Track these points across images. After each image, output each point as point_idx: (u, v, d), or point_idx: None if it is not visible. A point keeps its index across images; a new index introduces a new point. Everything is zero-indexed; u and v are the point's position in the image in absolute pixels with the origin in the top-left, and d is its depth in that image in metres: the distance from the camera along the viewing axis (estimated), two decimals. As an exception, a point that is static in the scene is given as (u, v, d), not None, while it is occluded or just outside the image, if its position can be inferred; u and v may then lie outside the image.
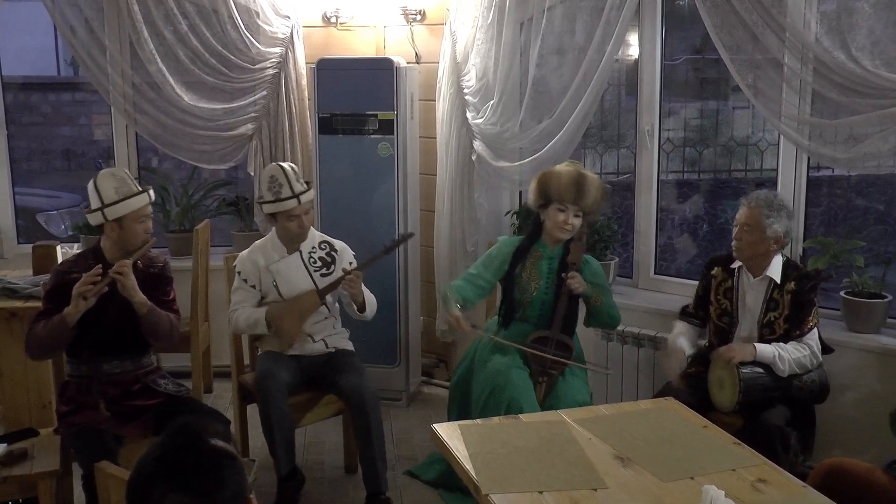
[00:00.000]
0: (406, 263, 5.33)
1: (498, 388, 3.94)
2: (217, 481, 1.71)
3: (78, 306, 3.45)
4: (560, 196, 4.10)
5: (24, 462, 3.51)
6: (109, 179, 3.66)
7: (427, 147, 5.56)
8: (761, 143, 5.73)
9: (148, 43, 5.45)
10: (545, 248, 4.23)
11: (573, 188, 4.08)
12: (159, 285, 3.80)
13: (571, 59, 4.86)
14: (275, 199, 4.17)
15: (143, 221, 3.70)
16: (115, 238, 3.69)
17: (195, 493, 1.68)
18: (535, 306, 4.21)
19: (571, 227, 4.13)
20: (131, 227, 3.67)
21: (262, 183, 4.25)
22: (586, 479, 2.80)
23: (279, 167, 4.21)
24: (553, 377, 4.04)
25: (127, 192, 3.65)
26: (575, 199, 4.09)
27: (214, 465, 1.72)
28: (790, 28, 4.04)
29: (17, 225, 6.07)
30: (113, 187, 3.64)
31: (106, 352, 3.70)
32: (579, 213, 4.12)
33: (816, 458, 3.79)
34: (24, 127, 8.29)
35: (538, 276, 4.20)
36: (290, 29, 5.56)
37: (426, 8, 5.51)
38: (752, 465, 2.90)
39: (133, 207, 3.65)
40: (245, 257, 4.33)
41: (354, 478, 4.45)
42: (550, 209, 4.15)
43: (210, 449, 1.74)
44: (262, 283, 4.27)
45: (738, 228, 3.90)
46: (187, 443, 1.74)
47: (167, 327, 3.70)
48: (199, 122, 5.63)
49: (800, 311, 3.82)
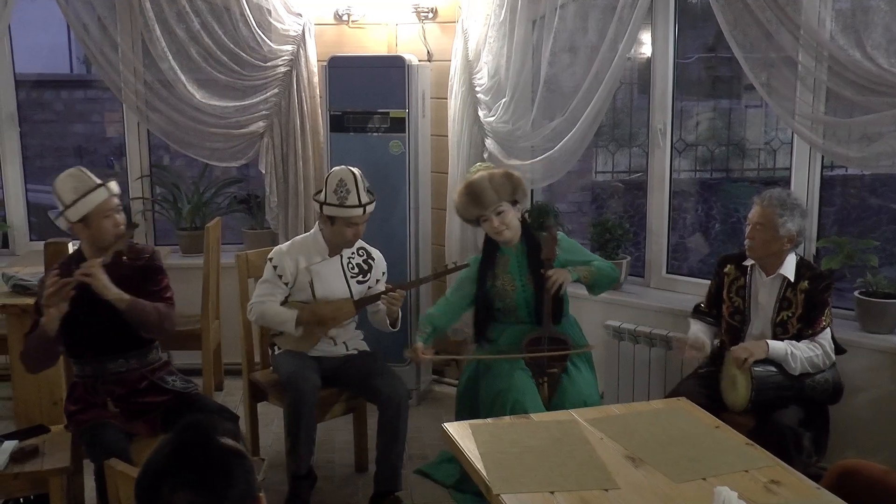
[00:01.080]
0: (416, 262, 5.32)
1: (503, 392, 3.94)
2: (226, 480, 1.70)
3: (49, 314, 3.40)
4: (470, 214, 4.19)
5: (35, 459, 3.52)
6: (66, 181, 3.57)
7: (439, 145, 5.54)
8: (774, 142, 5.71)
9: (160, 41, 5.45)
10: (508, 251, 4.24)
11: (471, 203, 4.14)
12: (148, 276, 3.72)
13: (584, 58, 4.84)
14: (339, 204, 4.10)
15: (110, 216, 3.59)
16: (87, 238, 3.62)
17: (204, 492, 1.67)
18: (521, 307, 4.21)
19: (505, 226, 4.15)
20: (99, 224, 3.57)
21: (328, 183, 4.17)
22: (597, 480, 2.79)
23: (350, 172, 4.15)
24: (555, 375, 4.03)
25: (84, 190, 3.55)
26: (481, 207, 4.12)
27: (224, 464, 1.71)
28: (805, 26, 4.01)
29: (29, 222, 6.09)
30: (71, 188, 3.55)
31: (108, 351, 3.67)
32: (500, 210, 4.13)
33: (830, 460, 3.77)
34: (36, 124, 8.30)
35: (511, 278, 4.21)
36: (302, 27, 5.56)
37: (438, 6, 5.49)
38: (765, 466, 2.89)
39: (94, 203, 3.54)
40: (284, 252, 4.26)
41: (365, 476, 4.44)
42: (481, 224, 4.21)
43: (219, 447, 1.73)
44: (298, 282, 4.22)
45: (751, 227, 3.88)
46: (197, 441, 1.74)
47: (154, 318, 3.61)
48: (211, 119, 5.63)
49: (813, 310, 3.80)
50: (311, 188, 5.65)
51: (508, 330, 4.21)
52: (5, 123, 5.84)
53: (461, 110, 5.32)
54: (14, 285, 4.58)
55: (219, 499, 1.68)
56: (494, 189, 4.11)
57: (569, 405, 3.73)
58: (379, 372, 4.23)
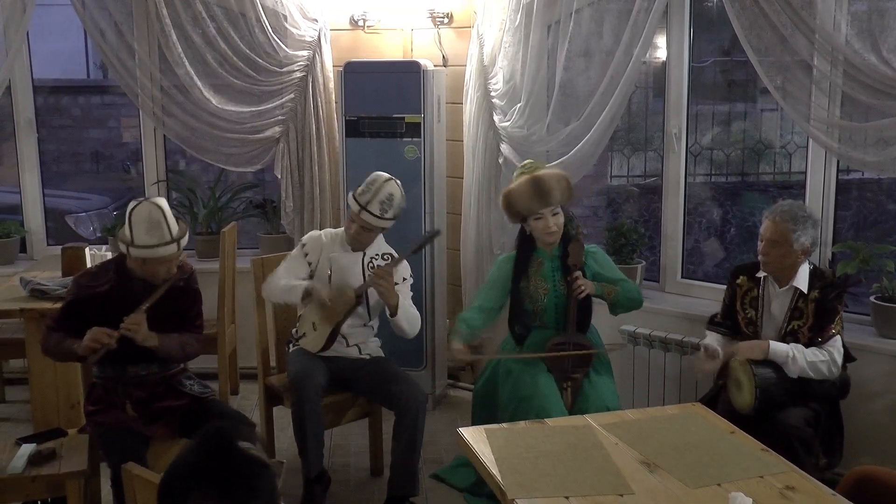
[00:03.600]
0: (432, 267, 5.33)
1: (526, 397, 3.93)
2: (251, 490, 1.70)
3: (87, 352, 3.50)
4: (529, 209, 4.12)
5: (53, 462, 3.54)
6: (143, 220, 3.54)
7: (454, 150, 5.55)
8: (790, 146, 5.68)
9: (176, 46, 5.49)
10: (543, 253, 4.23)
11: (536, 197, 4.09)
12: (183, 298, 3.78)
13: (599, 62, 4.84)
14: (361, 205, 4.17)
15: (165, 264, 3.61)
16: (137, 268, 3.64)
17: (229, 502, 1.68)
18: (550, 311, 4.20)
19: (557, 227, 4.14)
20: (154, 269, 3.61)
21: (371, 184, 4.22)
22: (612, 485, 2.79)
23: (399, 189, 4.23)
24: (577, 381, 4.02)
25: (156, 242, 3.53)
26: (543, 204, 4.09)
27: (249, 474, 1.72)
28: (820, 30, 4.00)
29: (46, 227, 6.13)
30: (144, 230, 3.53)
31: (130, 358, 3.70)
32: (557, 211, 4.13)
33: (846, 466, 3.75)
34: (53, 129, 8.36)
35: (544, 281, 4.19)
36: (318, 32, 5.58)
37: (453, 11, 5.51)
38: (780, 472, 2.89)
39: (158, 255, 3.56)
40: (317, 237, 4.39)
41: (380, 481, 4.45)
42: (529, 221, 4.17)
43: (244, 456, 1.73)
44: (319, 268, 4.29)
45: (765, 243, 3.86)
46: (222, 449, 1.74)
47: (178, 352, 3.73)
48: (227, 125, 5.66)
49: (823, 318, 3.79)
50: (326, 193, 5.67)
51: (534, 333, 4.21)
52: (23, 129, 5.89)
53: (476, 115, 5.32)
54: (32, 290, 4.61)
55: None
56: (560, 190, 4.11)
57: (592, 411, 3.73)
58: (395, 378, 4.24)
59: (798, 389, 3.74)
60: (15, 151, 5.98)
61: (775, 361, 3.74)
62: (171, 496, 1.70)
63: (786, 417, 3.64)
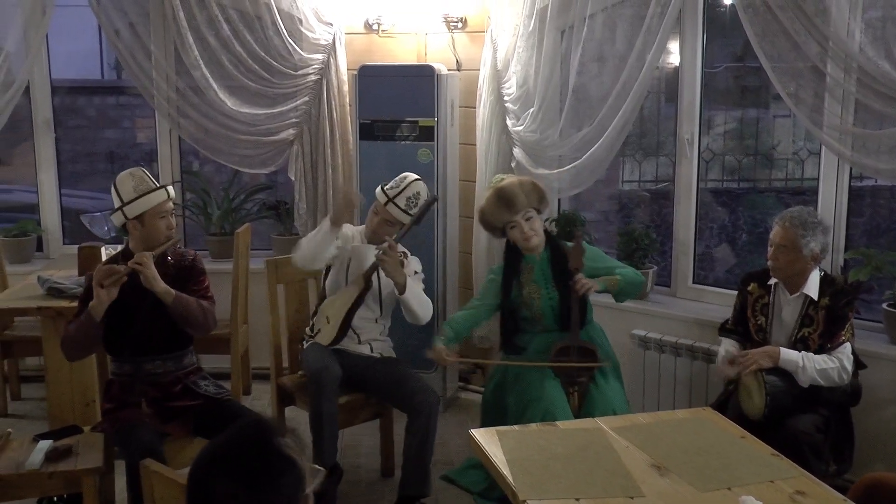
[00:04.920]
0: (444, 269, 5.36)
1: (533, 400, 3.95)
2: (275, 485, 1.72)
3: (99, 297, 3.52)
4: (500, 220, 4.19)
5: (69, 458, 3.58)
6: (128, 179, 3.74)
7: (467, 154, 5.58)
8: (802, 153, 5.69)
9: (193, 49, 5.53)
10: (531, 259, 4.25)
11: (503, 207, 4.16)
12: (191, 277, 3.85)
13: (612, 67, 4.85)
14: (389, 197, 4.32)
15: (164, 217, 3.76)
16: (138, 236, 3.76)
17: (248, 489, 1.70)
18: (548, 314, 4.22)
19: (534, 232, 4.18)
20: (153, 223, 3.73)
21: (401, 181, 4.37)
22: (623, 488, 2.81)
23: (426, 190, 4.42)
24: (584, 385, 4.03)
25: (144, 189, 3.72)
26: (512, 212, 4.15)
27: (276, 470, 1.73)
28: (833, 37, 4.00)
29: (62, 226, 6.18)
30: (131, 186, 3.72)
31: (146, 351, 3.76)
32: (529, 216, 4.17)
33: (857, 473, 3.76)
34: (69, 129, 8.42)
35: (536, 286, 4.22)
36: (333, 35, 5.62)
37: (467, 16, 5.54)
38: (791, 476, 2.89)
39: (152, 203, 3.71)
40: (347, 227, 4.49)
41: (391, 481, 4.48)
42: (507, 231, 4.23)
43: (277, 451, 1.75)
44: (341, 254, 4.40)
45: (774, 249, 3.87)
46: (257, 439, 1.76)
47: (199, 312, 3.73)
48: (242, 126, 5.70)
49: (833, 325, 3.79)
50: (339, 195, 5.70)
51: (537, 338, 4.23)
52: (41, 129, 5.94)
53: (489, 119, 5.35)
54: (49, 288, 4.66)
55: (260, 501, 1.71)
56: (525, 194, 4.15)
57: (598, 415, 3.74)
58: (408, 378, 4.28)
59: (808, 396, 3.74)
60: (33, 151, 6.03)
61: (786, 370, 3.75)
62: (199, 473, 1.73)
63: (796, 423, 3.65)
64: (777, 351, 3.76)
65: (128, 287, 3.59)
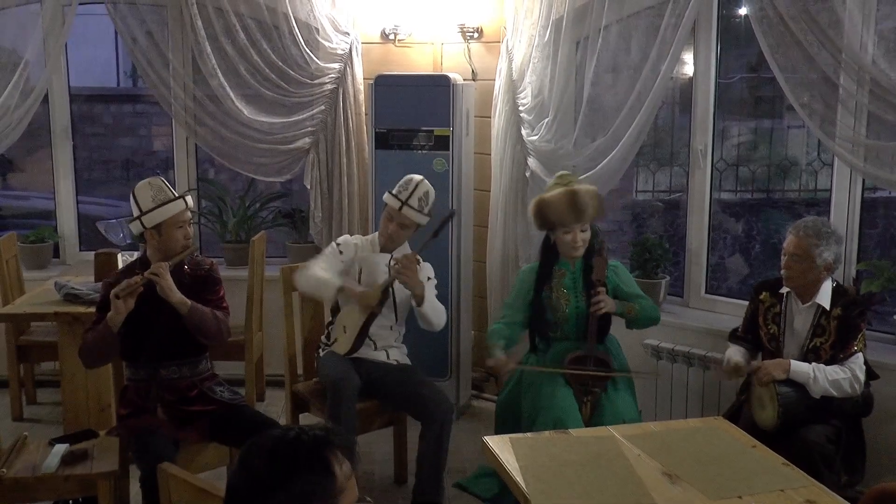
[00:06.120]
0: (458, 278, 5.38)
1: (544, 408, 3.97)
2: (284, 480, 1.72)
3: (117, 308, 3.55)
4: (561, 221, 4.16)
5: (85, 462, 3.62)
6: (146, 189, 3.77)
7: (482, 163, 5.61)
8: (816, 163, 5.69)
9: (210, 58, 5.58)
10: (566, 265, 4.26)
11: (570, 211, 4.13)
12: (207, 286, 3.88)
13: (626, 78, 4.87)
14: (402, 201, 4.32)
15: (182, 227, 3.79)
16: (156, 245, 3.79)
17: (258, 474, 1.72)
18: (571, 321, 4.23)
19: (583, 243, 4.19)
20: (170, 233, 3.76)
21: (407, 183, 4.38)
22: (634, 495, 2.82)
23: (432, 188, 4.42)
24: (596, 395, 4.04)
25: (163, 199, 3.75)
26: (576, 219, 4.14)
27: (295, 467, 1.74)
28: (846, 49, 4.02)
29: (79, 232, 6.23)
30: (150, 196, 3.75)
31: (162, 357, 3.79)
32: (585, 228, 4.18)
33: (869, 484, 3.76)
34: (86, 137, 8.48)
35: (566, 293, 4.23)
36: (349, 45, 5.66)
37: (483, 26, 5.57)
38: (801, 486, 2.90)
39: (170, 213, 3.75)
40: (350, 239, 4.53)
41: (404, 489, 4.49)
42: (557, 233, 4.21)
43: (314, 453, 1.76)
44: (350, 268, 4.42)
45: (787, 258, 3.88)
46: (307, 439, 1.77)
47: (213, 323, 3.75)
48: (258, 135, 5.74)
49: (845, 335, 3.79)
50: (355, 204, 5.74)
51: (555, 345, 4.25)
52: (59, 137, 6.00)
53: (504, 129, 5.38)
54: (66, 294, 4.71)
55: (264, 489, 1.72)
56: (594, 207, 4.17)
57: (608, 424, 3.75)
58: (423, 386, 4.30)
59: (820, 406, 3.75)
60: (50, 158, 6.09)
61: (798, 381, 3.75)
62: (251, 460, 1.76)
63: (807, 433, 3.66)
64: (787, 363, 3.77)
65: (145, 296, 3.63)
